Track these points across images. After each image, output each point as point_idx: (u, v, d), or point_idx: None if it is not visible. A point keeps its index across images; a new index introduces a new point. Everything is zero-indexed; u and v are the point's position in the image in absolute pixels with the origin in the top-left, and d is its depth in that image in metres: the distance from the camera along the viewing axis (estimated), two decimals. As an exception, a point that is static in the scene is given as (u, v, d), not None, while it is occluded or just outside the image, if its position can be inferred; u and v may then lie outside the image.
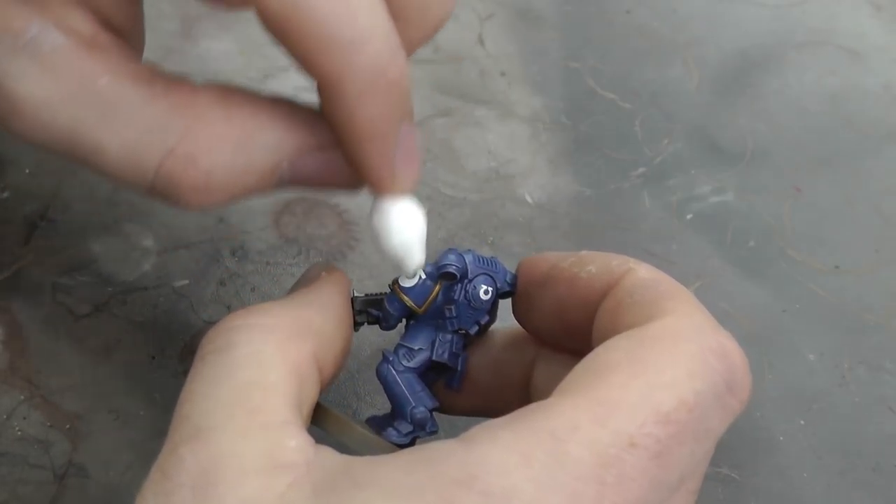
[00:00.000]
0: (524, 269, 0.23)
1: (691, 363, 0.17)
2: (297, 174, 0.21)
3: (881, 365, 0.33)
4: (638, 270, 0.20)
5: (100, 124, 0.19)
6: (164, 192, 0.20)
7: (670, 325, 0.18)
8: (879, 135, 0.41)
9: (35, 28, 0.19)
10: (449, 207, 0.35)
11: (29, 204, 0.32)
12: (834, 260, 0.36)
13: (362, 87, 0.19)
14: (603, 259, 0.21)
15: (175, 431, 0.17)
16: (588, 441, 0.15)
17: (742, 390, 0.18)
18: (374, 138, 0.20)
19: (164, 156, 0.19)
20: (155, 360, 0.29)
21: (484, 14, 0.43)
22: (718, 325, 0.18)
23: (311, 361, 0.19)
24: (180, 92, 0.20)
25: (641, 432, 0.16)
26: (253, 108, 0.20)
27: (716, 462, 0.29)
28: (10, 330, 0.29)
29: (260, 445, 0.16)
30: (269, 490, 0.16)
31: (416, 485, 0.15)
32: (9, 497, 0.25)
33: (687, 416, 0.16)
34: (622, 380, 0.16)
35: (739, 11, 0.46)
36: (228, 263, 0.32)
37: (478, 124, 0.38)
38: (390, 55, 0.19)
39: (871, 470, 0.30)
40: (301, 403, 0.18)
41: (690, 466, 0.17)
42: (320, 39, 0.18)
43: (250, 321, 0.19)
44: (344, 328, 0.21)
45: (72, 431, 0.27)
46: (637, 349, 0.17)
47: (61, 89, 0.19)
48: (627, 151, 0.39)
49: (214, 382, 0.18)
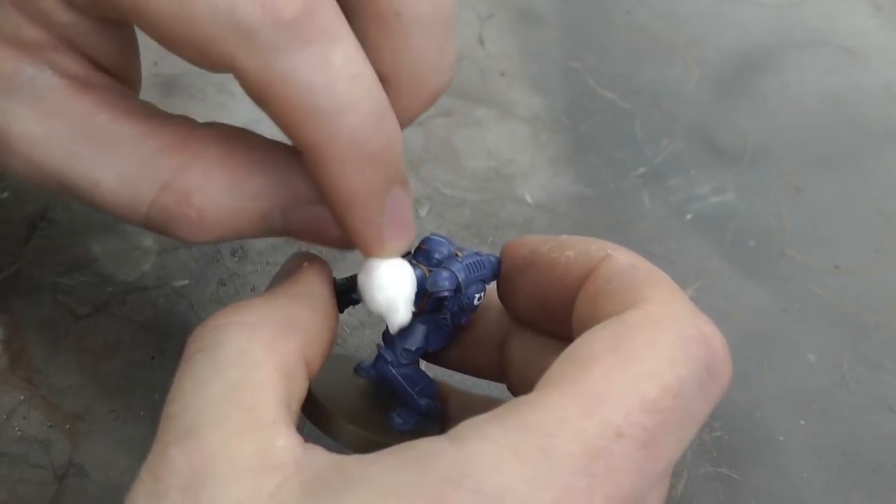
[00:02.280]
0: (507, 253, 0.23)
1: (672, 350, 0.17)
2: (288, 224, 0.21)
3: (881, 365, 0.33)
4: (616, 256, 0.20)
5: (96, 160, 0.19)
6: (158, 225, 0.20)
7: (650, 312, 0.18)
8: (879, 135, 0.41)
9: (29, 70, 0.19)
10: (449, 207, 0.35)
11: (29, 204, 0.32)
12: (834, 260, 0.36)
13: (343, 157, 0.18)
14: (582, 244, 0.21)
15: (164, 432, 0.17)
16: (576, 434, 0.15)
17: (723, 375, 0.18)
18: (357, 206, 0.20)
19: (158, 191, 0.19)
20: (155, 360, 0.29)
21: (484, 14, 0.43)
22: (697, 311, 0.18)
23: (298, 357, 0.19)
24: (177, 129, 0.20)
25: (628, 422, 0.16)
26: (250, 152, 0.20)
27: (716, 462, 0.29)
28: (10, 330, 0.29)
29: (250, 446, 0.16)
30: (259, 491, 0.16)
31: (407, 483, 0.15)
32: (9, 497, 0.25)
33: (672, 404, 0.16)
34: (605, 371, 0.16)
35: (739, 11, 0.46)
36: (228, 263, 0.32)
37: (478, 124, 0.38)
38: (373, 126, 0.19)
39: (871, 470, 0.30)
40: (290, 400, 0.18)
41: (676, 453, 0.17)
42: (298, 108, 0.18)
43: (236, 319, 0.19)
44: (330, 320, 0.21)
45: (72, 431, 0.27)
46: (618, 339, 0.17)
47: (57, 127, 0.19)
48: (627, 151, 0.39)
49: (202, 382, 0.18)
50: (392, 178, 0.20)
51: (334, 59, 0.18)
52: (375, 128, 0.19)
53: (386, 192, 0.20)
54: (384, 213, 0.20)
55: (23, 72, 0.19)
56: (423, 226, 0.34)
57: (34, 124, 0.19)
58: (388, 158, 0.19)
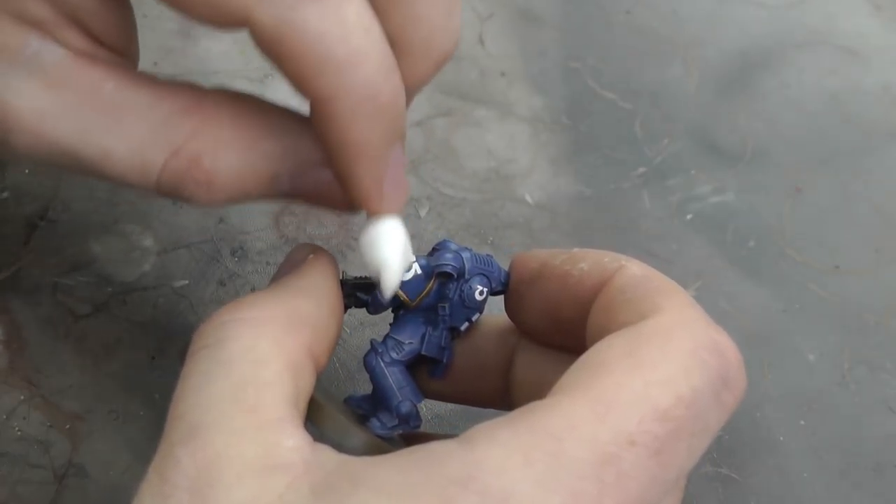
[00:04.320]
0: (516, 266, 0.23)
1: (686, 360, 0.17)
2: (296, 187, 0.21)
3: (881, 365, 0.33)
4: (630, 267, 0.20)
5: (106, 130, 0.19)
6: (169, 190, 0.20)
7: (664, 322, 0.18)
8: (879, 135, 0.41)
9: (34, 44, 0.19)
10: (449, 207, 0.35)
11: (29, 204, 0.32)
12: (834, 260, 0.36)
13: (354, 108, 0.19)
14: (595, 256, 0.21)
15: (170, 431, 0.17)
16: (587, 440, 0.15)
17: (737, 386, 0.18)
18: (364, 160, 0.20)
19: (169, 156, 0.19)
20: (155, 360, 0.29)
21: (484, 14, 0.43)
22: (711, 322, 0.19)
23: (305, 353, 0.19)
24: (187, 94, 0.20)
25: (640, 430, 0.16)
26: (259, 116, 0.21)
27: (716, 462, 0.29)
28: (10, 330, 0.29)
29: (257, 445, 0.16)
30: (267, 491, 0.16)
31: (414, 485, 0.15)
32: (9, 497, 0.25)
33: (684, 413, 0.16)
34: (619, 378, 0.16)
35: (739, 12, 0.46)
36: (228, 263, 0.32)
37: (478, 124, 0.38)
38: (384, 77, 0.19)
39: (871, 470, 0.30)
40: (297, 398, 0.18)
41: (688, 463, 0.17)
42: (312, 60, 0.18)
43: (241, 315, 0.19)
44: (336, 315, 0.21)
45: (72, 431, 0.27)
46: (632, 347, 0.17)
47: (65, 99, 0.19)
48: (627, 151, 0.39)
49: (208, 380, 0.18)
50: (397, 132, 0.20)
51: (347, 13, 0.18)
52: (386, 81, 0.19)
53: (391, 146, 0.20)
54: (388, 167, 0.20)
55: (28, 46, 0.19)
56: (422, 226, 0.34)
57: (42, 98, 0.19)
58: (395, 113, 0.19)
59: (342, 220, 0.34)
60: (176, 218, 0.32)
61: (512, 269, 0.24)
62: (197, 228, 0.32)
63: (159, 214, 0.32)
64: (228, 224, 0.33)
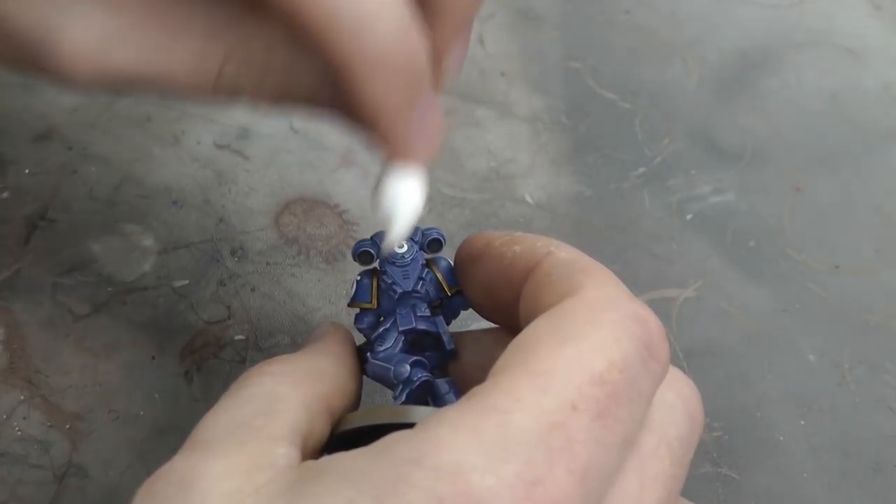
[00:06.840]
0: (465, 245, 0.24)
1: (613, 329, 0.18)
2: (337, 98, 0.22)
3: (881, 365, 0.33)
4: (557, 253, 0.21)
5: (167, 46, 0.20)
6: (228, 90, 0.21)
7: (587, 297, 0.18)
8: (879, 135, 0.41)
9: None
10: (449, 207, 0.35)
11: (29, 204, 0.32)
12: (834, 260, 0.36)
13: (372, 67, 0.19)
14: (530, 241, 0.22)
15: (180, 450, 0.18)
16: (532, 410, 0.16)
17: (661, 354, 0.18)
18: (386, 116, 0.20)
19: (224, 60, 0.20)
20: (155, 360, 0.29)
21: (484, 14, 0.43)
22: (633, 296, 0.19)
23: (321, 400, 0.21)
24: None
25: (581, 395, 0.16)
26: None
27: (716, 462, 0.29)
28: (10, 330, 0.29)
29: (248, 451, 0.18)
30: (248, 484, 0.17)
31: (371, 467, 0.16)
32: (9, 497, 0.25)
33: (619, 377, 0.17)
34: (553, 351, 0.17)
35: (739, 11, 0.46)
36: (228, 263, 0.32)
37: (478, 124, 0.38)
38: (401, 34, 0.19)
39: (871, 470, 0.30)
40: (308, 435, 0.20)
41: (631, 427, 0.17)
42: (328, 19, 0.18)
43: (268, 369, 0.21)
44: (354, 375, 0.23)
45: (72, 431, 0.27)
46: (560, 322, 0.18)
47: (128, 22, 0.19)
48: (627, 151, 0.39)
49: (224, 410, 0.19)
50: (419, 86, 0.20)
51: None
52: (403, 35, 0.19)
53: (413, 101, 0.20)
54: (412, 120, 0.20)
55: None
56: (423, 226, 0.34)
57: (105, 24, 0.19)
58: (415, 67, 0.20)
59: (342, 220, 0.34)
60: (176, 218, 0.32)
61: (460, 247, 0.24)
62: (197, 228, 0.32)
63: (159, 214, 0.32)
64: (228, 224, 0.33)
